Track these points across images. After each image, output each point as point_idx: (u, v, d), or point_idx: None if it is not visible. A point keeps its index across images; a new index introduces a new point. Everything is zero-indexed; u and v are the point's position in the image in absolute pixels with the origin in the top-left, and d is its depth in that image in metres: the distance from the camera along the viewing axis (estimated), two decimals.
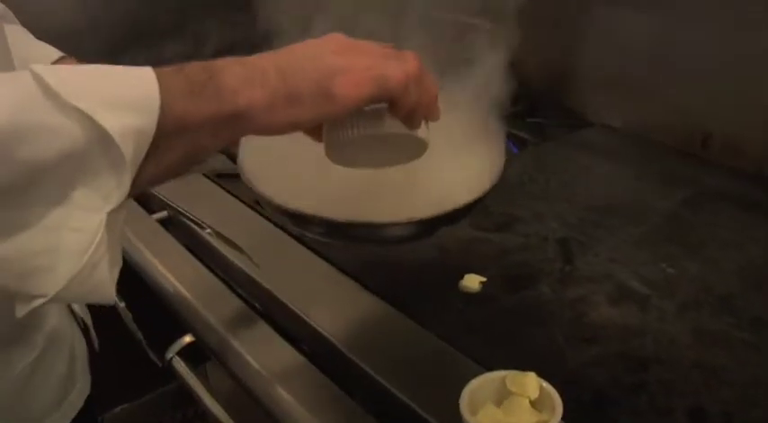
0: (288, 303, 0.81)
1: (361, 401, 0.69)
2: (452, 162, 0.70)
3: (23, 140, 0.37)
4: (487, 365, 0.66)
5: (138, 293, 0.96)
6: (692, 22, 1.11)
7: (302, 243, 0.91)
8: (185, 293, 0.88)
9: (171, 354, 0.88)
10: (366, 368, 0.71)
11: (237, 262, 0.88)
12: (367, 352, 0.73)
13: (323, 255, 0.89)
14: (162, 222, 1.02)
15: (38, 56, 0.80)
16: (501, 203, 1.00)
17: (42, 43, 0.83)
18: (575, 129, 1.28)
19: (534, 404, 0.60)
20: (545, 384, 0.60)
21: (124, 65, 0.43)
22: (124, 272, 0.47)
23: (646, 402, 0.67)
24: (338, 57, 0.49)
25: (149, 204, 1.05)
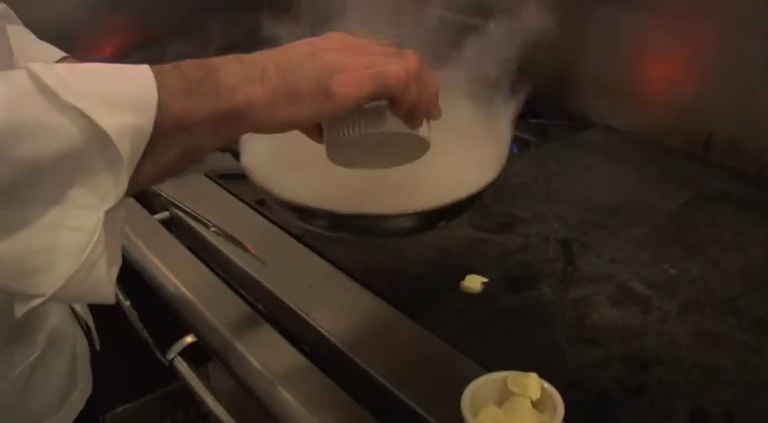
0: (289, 304, 0.81)
1: (363, 402, 0.69)
2: (455, 156, 0.70)
3: (20, 139, 0.37)
4: (489, 366, 0.66)
5: (140, 294, 0.96)
6: (695, 23, 1.11)
7: (304, 243, 0.92)
8: (187, 294, 0.88)
9: (173, 354, 0.89)
10: (367, 369, 0.71)
11: (240, 262, 0.88)
12: (368, 353, 0.73)
13: (325, 255, 0.89)
14: (164, 223, 1.02)
15: (40, 56, 0.80)
16: (503, 204, 1.00)
17: (45, 43, 0.83)
18: (577, 130, 1.29)
19: (536, 405, 0.60)
20: (546, 385, 0.60)
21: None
22: (127, 272, 0.47)
23: (647, 403, 0.67)
24: (338, 55, 0.49)
25: (151, 205, 1.05)
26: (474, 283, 0.82)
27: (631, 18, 1.19)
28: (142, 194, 1.06)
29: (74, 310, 0.79)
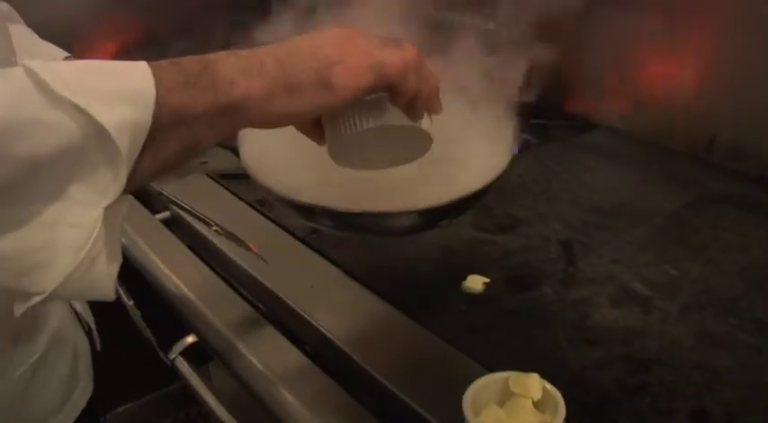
0: (291, 304, 0.81)
1: (364, 402, 0.69)
2: (458, 155, 0.70)
3: (18, 137, 0.37)
4: (490, 366, 0.66)
5: (141, 293, 0.96)
6: (697, 24, 1.10)
7: (306, 243, 0.92)
8: (188, 294, 0.88)
9: (174, 354, 0.89)
10: (369, 369, 0.71)
11: (241, 262, 0.88)
12: (370, 353, 0.73)
13: (327, 255, 0.89)
14: (165, 222, 1.02)
15: (43, 56, 0.80)
16: (504, 205, 1.00)
17: (47, 43, 0.83)
18: (578, 131, 1.28)
19: (537, 405, 0.60)
20: (548, 385, 0.60)
21: None
22: (128, 271, 0.46)
23: (648, 404, 0.67)
24: (337, 47, 0.49)
25: (152, 204, 1.05)
26: (475, 283, 0.82)
27: (633, 19, 1.19)
28: (143, 194, 1.06)
29: (75, 311, 0.79)
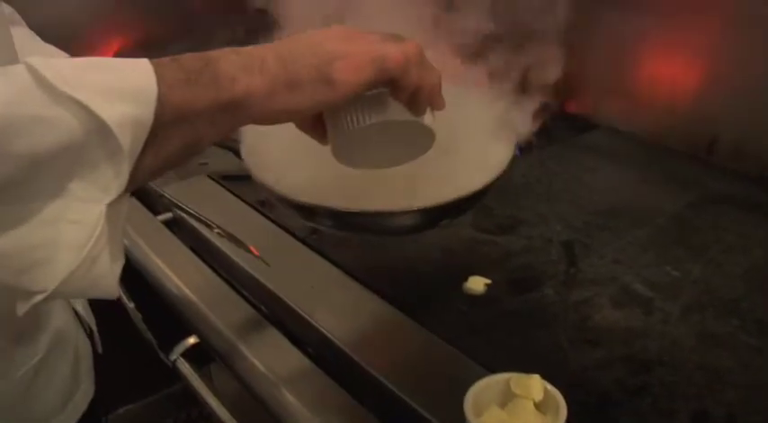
0: (292, 305, 0.81)
1: (366, 404, 0.69)
2: (459, 154, 0.71)
3: (18, 134, 0.37)
4: (492, 367, 0.66)
5: (142, 295, 0.96)
6: (698, 25, 1.10)
7: (307, 245, 0.92)
8: (190, 295, 0.88)
9: (175, 355, 0.89)
10: (371, 370, 0.71)
11: (243, 263, 0.88)
12: (371, 354, 0.73)
13: (328, 256, 0.89)
14: (167, 224, 1.02)
15: None
16: (505, 206, 1.00)
17: (49, 46, 0.83)
18: (580, 131, 1.28)
19: (538, 406, 0.60)
20: (549, 387, 0.60)
21: None
22: (129, 273, 0.46)
23: (649, 405, 0.67)
24: (338, 43, 0.49)
25: (154, 206, 1.05)
26: (477, 284, 0.82)
27: (635, 20, 1.19)
28: (145, 195, 1.07)
29: (76, 312, 0.79)
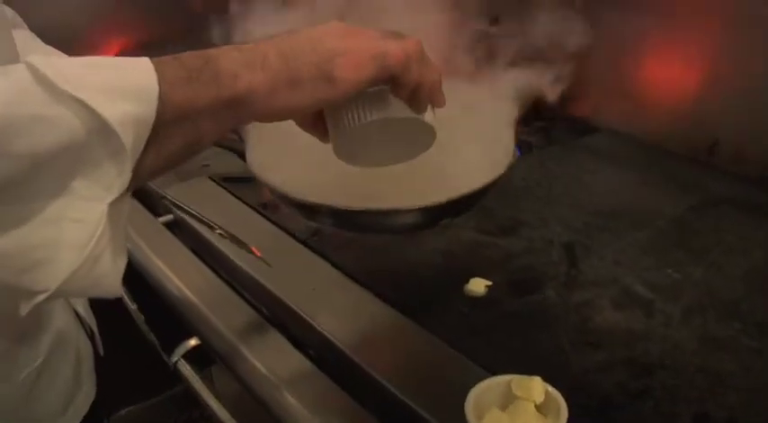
0: (293, 307, 0.81)
1: (367, 406, 0.69)
2: (459, 154, 0.71)
3: (19, 133, 0.37)
4: (493, 370, 0.66)
5: (143, 296, 0.96)
6: (699, 28, 1.11)
7: (309, 247, 0.92)
8: (191, 297, 0.88)
9: (176, 357, 0.89)
10: (372, 373, 0.71)
11: (244, 265, 0.88)
12: (372, 356, 0.73)
13: (329, 259, 0.89)
14: (168, 226, 1.02)
15: None
16: (506, 207, 1.00)
17: (50, 48, 0.83)
18: (580, 133, 1.28)
19: (539, 408, 0.60)
20: (550, 389, 0.60)
21: None
22: (131, 275, 0.46)
23: (650, 408, 0.67)
24: (338, 40, 0.49)
25: (155, 208, 1.06)
26: (478, 286, 0.82)
27: (635, 22, 1.19)
28: (146, 197, 1.07)
29: (77, 314, 0.79)
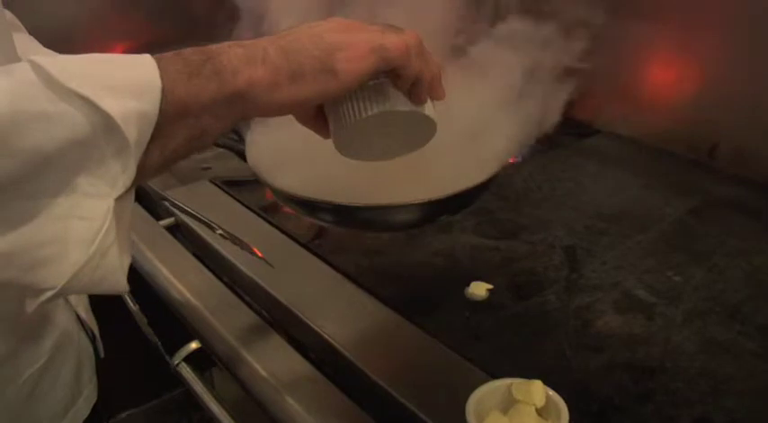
0: (294, 311, 0.81)
1: (368, 409, 0.69)
2: (459, 151, 0.71)
3: (24, 131, 0.37)
4: (493, 373, 0.66)
5: (144, 299, 0.96)
6: (700, 30, 1.11)
7: (310, 250, 0.92)
8: (192, 300, 0.88)
9: (177, 360, 0.89)
10: (373, 376, 0.71)
11: (245, 268, 0.88)
12: (373, 360, 0.73)
13: (330, 262, 0.89)
14: (169, 229, 1.02)
15: None
16: (507, 211, 1.00)
17: (50, 52, 0.83)
18: (582, 136, 1.29)
19: (540, 412, 0.59)
20: (551, 392, 0.60)
21: None
22: (132, 277, 0.46)
23: (652, 411, 0.67)
24: (339, 34, 0.50)
25: (157, 211, 1.06)
26: (479, 289, 0.82)
27: (636, 25, 1.19)
28: (148, 201, 1.07)
29: (78, 316, 0.79)
